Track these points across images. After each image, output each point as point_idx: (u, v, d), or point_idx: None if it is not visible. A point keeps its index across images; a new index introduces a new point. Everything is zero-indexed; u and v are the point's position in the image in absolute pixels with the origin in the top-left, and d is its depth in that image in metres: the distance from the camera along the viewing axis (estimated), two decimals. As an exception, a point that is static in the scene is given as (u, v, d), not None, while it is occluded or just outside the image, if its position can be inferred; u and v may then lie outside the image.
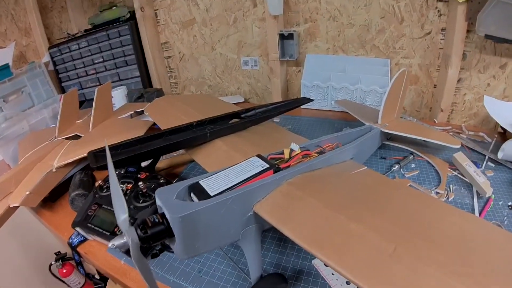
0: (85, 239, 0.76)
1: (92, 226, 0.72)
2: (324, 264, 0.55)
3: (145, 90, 1.49)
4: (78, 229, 0.74)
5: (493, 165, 1.01)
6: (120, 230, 0.67)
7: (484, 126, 1.26)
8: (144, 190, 0.74)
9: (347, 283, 0.63)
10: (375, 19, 1.24)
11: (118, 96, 1.42)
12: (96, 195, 0.76)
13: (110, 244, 0.46)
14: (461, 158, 0.98)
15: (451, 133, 1.17)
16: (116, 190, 0.48)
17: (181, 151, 0.94)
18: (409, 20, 1.21)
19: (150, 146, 0.76)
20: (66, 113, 1.10)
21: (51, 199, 0.90)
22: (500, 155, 1.02)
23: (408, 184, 0.92)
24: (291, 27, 1.34)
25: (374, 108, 1.26)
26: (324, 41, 1.34)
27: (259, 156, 0.62)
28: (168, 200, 0.50)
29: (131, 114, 1.27)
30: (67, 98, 1.10)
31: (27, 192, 0.79)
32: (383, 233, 0.47)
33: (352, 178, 0.68)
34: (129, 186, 0.76)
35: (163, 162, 1.00)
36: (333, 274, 0.64)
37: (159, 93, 1.48)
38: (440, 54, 1.23)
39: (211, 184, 0.53)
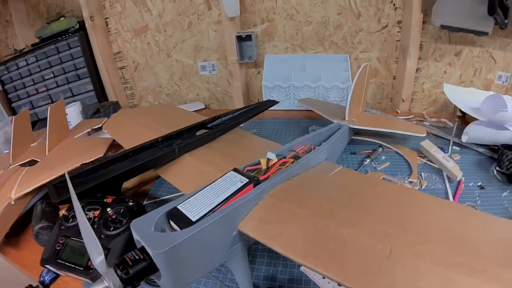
0: (57, 275, 0.68)
1: (63, 262, 0.63)
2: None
3: (101, 104, 1.39)
4: (48, 266, 0.65)
5: (458, 148, 1.02)
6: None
7: (443, 111, 1.27)
8: (113, 216, 0.66)
9: (339, 284, 0.58)
10: (332, 15, 1.22)
11: (73, 113, 1.30)
12: (62, 227, 0.67)
13: None
14: (428, 146, 0.98)
15: (415, 122, 1.16)
16: (87, 230, 0.42)
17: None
18: (366, 15, 1.20)
19: (115, 170, 0.70)
20: (19, 136, 0.99)
21: (14, 234, 0.80)
22: (464, 138, 1.03)
23: (382, 177, 0.89)
24: (248, 28, 1.29)
25: (338, 104, 1.23)
26: (283, 41, 1.30)
27: (235, 170, 0.57)
28: (146, 233, 0.44)
29: (88, 132, 1.17)
30: (18, 120, 0.98)
31: (-14, 231, 0.69)
32: (376, 235, 0.45)
33: (331, 181, 0.65)
34: (96, 213, 0.67)
35: (129, 181, 0.92)
36: (323, 277, 0.60)
37: (116, 106, 1.38)
38: (398, 46, 1.23)
39: (191, 208, 0.48)
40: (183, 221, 0.46)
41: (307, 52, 1.31)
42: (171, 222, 0.47)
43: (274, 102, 1.03)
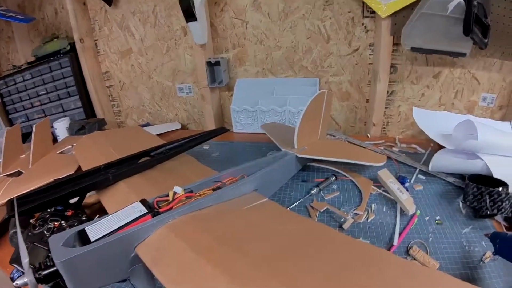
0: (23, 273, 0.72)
1: None
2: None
3: (87, 121, 1.41)
4: (15, 265, 0.70)
5: (423, 177, 0.94)
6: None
7: (422, 135, 1.18)
8: (67, 229, 0.68)
9: None
10: (301, 40, 1.17)
11: (61, 128, 1.35)
12: (29, 233, 0.73)
13: (14, 283, 0.49)
14: (385, 175, 0.90)
15: (382, 147, 1.08)
16: (19, 236, 0.52)
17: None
18: (336, 39, 1.14)
19: (60, 192, 0.76)
20: (10, 148, 1.08)
21: None
22: (430, 167, 0.94)
23: (325, 208, 0.83)
24: (221, 53, 1.27)
25: (287, 127, 1.18)
26: (253, 65, 1.27)
27: (142, 201, 0.62)
28: (55, 246, 0.51)
29: (70, 147, 1.19)
30: (10, 134, 1.08)
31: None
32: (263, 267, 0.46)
33: (244, 214, 0.65)
34: (57, 224, 0.73)
35: (92, 197, 0.94)
36: None
37: (101, 123, 1.40)
38: (370, 69, 1.16)
39: (94, 230, 0.54)
40: (85, 240, 0.52)
41: (277, 76, 1.27)
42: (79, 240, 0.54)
43: (224, 130, 1.00)
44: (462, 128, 0.94)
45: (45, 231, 0.72)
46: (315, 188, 0.88)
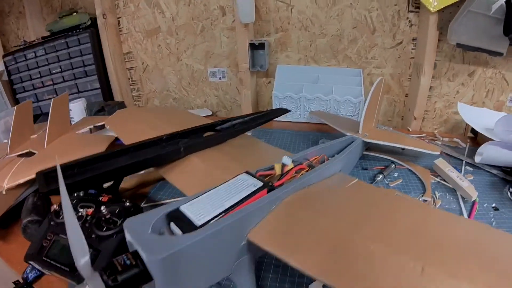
0: (42, 274, 0.64)
1: (48, 260, 0.58)
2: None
3: (106, 103, 1.36)
4: (32, 263, 0.60)
5: (471, 169, 1.00)
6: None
7: (454, 132, 1.26)
8: (107, 216, 0.62)
9: None
10: (347, 29, 1.21)
11: (77, 109, 1.27)
12: (52, 222, 0.63)
13: None
14: (443, 164, 0.95)
15: (427, 140, 1.14)
16: (72, 225, 0.36)
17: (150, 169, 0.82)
18: (381, 30, 1.19)
19: (113, 164, 0.65)
20: (19, 127, 0.96)
21: (2, 226, 0.76)
22: (477, 159, 1.00)
23: (395, 194, 0.87)
24: (262, 37, 1.28)
25: (349, 118, 1.21)
26: (296, 51, 1.29)
27: (248, 173, 0.53)
28: (142, 235, 0.39)
29: (90, 128, 1.13)
30: (20, 110, 0.96)
31: (-26, 219, 0.64)
32: (404, 251, 0.41)
33: (349, 193, 0.61)
34: (90, 211, 0.63)
35: (128, 182, 0.88)
36: None
37: (121, 106, 1.35)
38: (411, 64, 1.22)
39: (196, 211, 0.43)
40: (186, 225, 0.41)
41: (319, 65, 1.30)
42: (172, 225, 0.43)
43: (285, 111, 1.00)
44: (503, 123, 1.01)
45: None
46: (380, 175, 0.92)
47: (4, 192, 0.74)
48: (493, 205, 0.83)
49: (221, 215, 0.43)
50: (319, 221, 0.47)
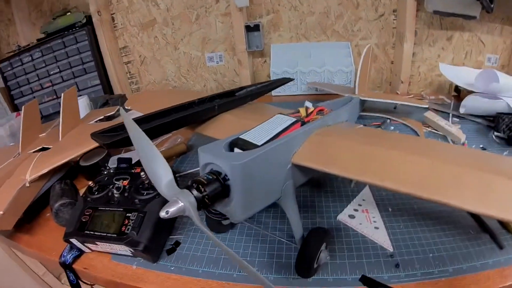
0: (80, 253, 0.68)
1: (92, 233, 0.64)
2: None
3: (110, 96, 1.45)
4: (73, 240, 0.65)
5: (457, 120, 1.14)
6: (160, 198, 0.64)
7: (439, 92, 1.41)
8: (146, 181, 0.71)
9: (376, 228, 0.68)
10: (333, 6, 1.35)
11: (81, 106, 1.33)
12: (88, 199, 0.69)
13: (163, 213, 0.40)
14: (432, 116, 1.10)
15: (416, 98, 1.29)
16: (148, 150, 0.46)
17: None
18: (364, 5, 1.33)
19: (168, 117, 0.77)
20: (28, 126, 1.01)
21: (26, 220, 0.78)
22: (462, 110, 1.16)
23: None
24: (255, 20, 1.39)
25: (343, 85, 1.35)
26: (287, 30, 1.41)
27: (281, 114, 0.66)
28: (220, 153, 0.49)
29: (100, 119, 1.22)
30: (27, 110, 1.01)
31: (0, 213, 0.68)
32: (419, 155, 0.54)
33: (360, 129, 0.75)
34: (125, 182, 0.72)
35: None
36: (360, 224, 0.69)
37: (124, 99, 1.45)
38: (394, 33, 1.36)
39: (253, 137, 0.55)
40: (249, 146, 0.52)
41: (310, 41, 1.43)
42: (236, 150, 0.53)
43: (289, 79, 1.12)
44: (483, 76, 1.16)
45: (114, 191, 0.69)
46: (378, 128, 1.05)
47: (27, 185, 0.77)
48: (481, 146, 0.98)
49: (273, 138, 0.55)
50: (345, 142, 0.60)
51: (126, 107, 1.05)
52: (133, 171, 0.77)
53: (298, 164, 0.56)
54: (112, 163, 0.86)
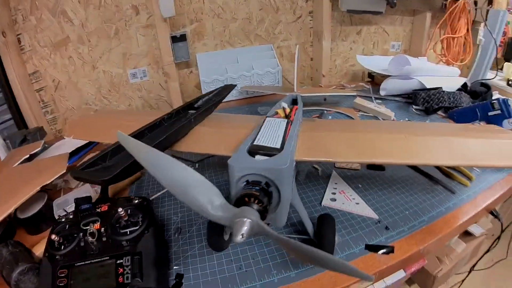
0: None
1: None
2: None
3: (27, 131, 1.31)
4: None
5: (380, 101, 1.31)
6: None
7: (354, 80, 1.60)
8: (125, 219, 0.62)
9: (356, 203, 0.78)
10: (255, 11, 1.43)
11: None
12: (56, 257, 0.57)
13: (239, 238, 0.38)
14: (360, 101, 1.25)
15: (339, 89, 1.44)
16: (181, 174, 0.42)
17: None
18: (283, 9, 1.45)
19: (154, 139, 0.69)
20: None
21: None
22: (382, 92, 1.34)
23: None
24: (178, 30, 1.40)
25: (273, 86, 1.43)
26: (212, 38, 1.45)
27: (269, 117, 0.72)
28: (257, 161, 0.51)
29: (26, 158, 1.09)
30: None
31: None
32: (393, 132, 0.67)
33: (333, 122, 0.95)
34: (97, 225, 0.61)
35: (113, 186, 0.90)
36: (343, 203, 0.78)
37: (42, 132, 1.32)
38: (311, 32, 1.50)
39: (266, 141, 0.58)
40: (272, 150, 0.55)
41: (235, 47, 1.49)
42: (257, 157, 0.54)
43: (232, 86, 1.15)
44: (395, 61, 1.35)
45: (88, 239, 0.58)
46: (345, 119, 1.17)
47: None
48: (406, 119, 1.17)
49: (283, 139, 0.60)
50: (332, 133, 0.69)
51: (66, 137, 0.97)
52: (99, 210, 0.65)
53: (302, 160, 0.60)
54: (59, 207, 0.79)
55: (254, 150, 0.55)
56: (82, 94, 1.47)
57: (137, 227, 0.61)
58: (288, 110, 0.77)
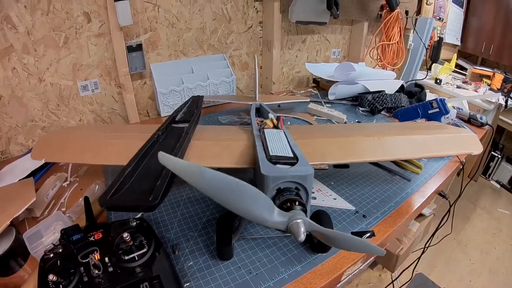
0: None
1: None
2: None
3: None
4: None
5: (330, 105, 1.48)
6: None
7: (300, 86, 1.78)
8: (130, 244, 0.60)
9: (334, 199, 0.91)
10: (208, 21, 1.52)
11: None
12: None
13: (301, 237, 0.46)
14: (314, 106, 1.40)
15: (290, 95, 1.59)
16: (242, 191, 0.46)
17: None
18: (235, 19, 1.55)
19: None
20: None
21: None
22: (331, 97, 1.52)
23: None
24: (131, 39, 1.42)
25: (229, 95, 1.53)
26: (166, 48, 1.50)
27: (266, 128, 0.81)
28: (288, 170, 0.59)
29: None
30: None
31: None
32: (367, 135, 0.83)
33: (313, 127, 1.12)
34: (97, 255, 0.57)
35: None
36: (323, 200, 0.90)
37: (-14, 158, 1.25)
38: (261, 42, 1.62)
39: (280, 151, 0.66)
40: (289, 159, 0.63)
41: (189, 57, 1.55)
42: (278, 166, 0.61)
43: (199, 97, 1.22)
44: (340, 68, 1.53)
45: (92, 273, 0.54)
46: (324, 124, 1.31)
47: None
48: (357, 120, 1.35)
49: (292, 149, 0.68)
50: (320, 139, 0.83)
51: (34, 160, 0.87)
52: (92, 239, 0.62)
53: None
54: (32, 241, 0.70)
55: (275, 160, 0.62)
56: (27, 110, 1.36)
57: (144, 250, 0.59)
58: (276, 121, 0.87)
